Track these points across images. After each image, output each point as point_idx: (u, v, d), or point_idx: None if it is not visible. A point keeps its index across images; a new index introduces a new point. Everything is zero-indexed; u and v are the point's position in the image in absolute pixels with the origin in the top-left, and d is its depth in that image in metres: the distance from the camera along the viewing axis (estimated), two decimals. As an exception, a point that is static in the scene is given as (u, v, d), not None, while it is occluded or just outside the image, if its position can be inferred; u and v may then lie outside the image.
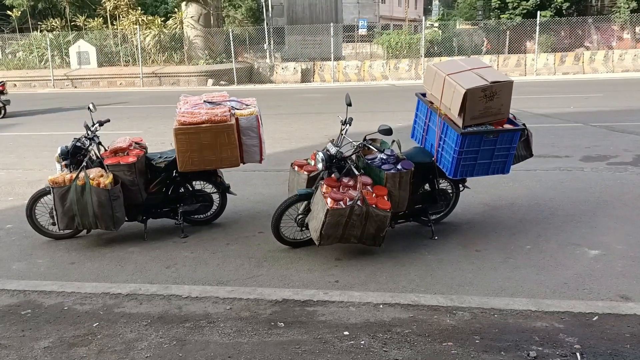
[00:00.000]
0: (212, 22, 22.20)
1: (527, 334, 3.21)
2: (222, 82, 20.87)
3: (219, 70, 21.24)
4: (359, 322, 3.40)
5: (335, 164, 4.45)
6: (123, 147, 5.00)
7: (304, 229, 4.66)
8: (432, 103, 4.84)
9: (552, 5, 23.95)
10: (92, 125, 5.05)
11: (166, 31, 22.21)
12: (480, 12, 28.10)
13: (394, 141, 4.74)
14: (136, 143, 5.21)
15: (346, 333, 3.27)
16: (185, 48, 21.89)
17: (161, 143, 8.55)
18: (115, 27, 22.90)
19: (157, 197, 5.14)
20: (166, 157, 5.14)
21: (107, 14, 23.29)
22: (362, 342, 3.17)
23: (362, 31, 27.05)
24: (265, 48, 23.22)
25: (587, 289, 3.87)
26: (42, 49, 22.55)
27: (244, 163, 5.21)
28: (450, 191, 5.10)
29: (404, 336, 3.21)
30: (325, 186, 4.30)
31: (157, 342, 3.21)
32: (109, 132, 6.20)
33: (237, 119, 5.00)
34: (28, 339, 3.29)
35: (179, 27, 22.21)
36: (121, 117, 11.81)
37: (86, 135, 4.94)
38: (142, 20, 22.18)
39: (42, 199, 4.92)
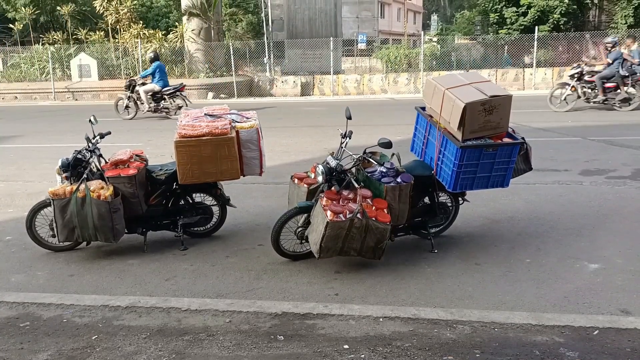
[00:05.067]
0: (212, 36, 22.36)
1: (528, 348, 3.20)
2: (222, 95, 20.95)
3: (220, 83, 21.34)
4: (359, 335, 3.39)
5: (335, 176, 4.46)
6: (124, 160, 5.02)
7: (303, 241, 4.66)
8: (431, 117, 4.87)
9: (550, 21, 24.17)
10: (93, 138, 5.07)
11: (167, 45, 22.35)
12: (478, 27, 28.38)
13: (393, 154, 4.76)
14: (137, 155, 5.23)
15: (346, 347, 3.25)
16: (186, 61, 22.01)
17: (161, 155, 8.57)
18: (116, 40, 23.03)
19: (157, 210, 5.15)
20: (166, 170, 5.16)
21: (109, 28, 23.46)
22: (362, 355, 3.15)
23: (362, 45, 27.23)
24: (265, 62, 23.35)
25: (588, 302, 3.86)
26: (43, 62, 22.65)
27: (244, 175, 5.22)
28: (449, 204, 5.11)
29: (404, 350, 3.20)
30: (325, 199, 4.31)
31: (156, 355, 3.20)
32: (110, 145, 6.21)
33: (237, 132, 5.03)
34: (27, 352, 3.28)
35: (179, 40, 22.36)
36: (122, 130, 11.85)
37: (87, 147, 4.95)
38: (144, 33, 22.30)
39: (42, 211, 4.92)
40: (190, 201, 5.28)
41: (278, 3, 26.47)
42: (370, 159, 4.57)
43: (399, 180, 4.51)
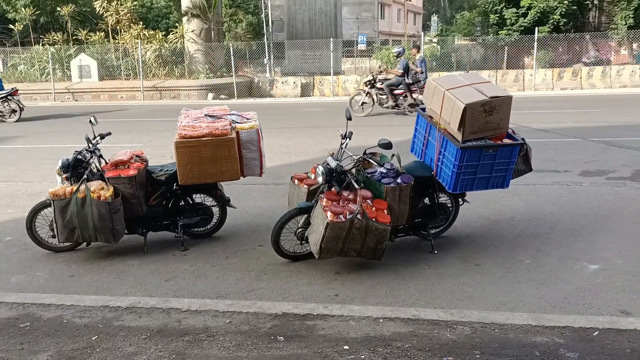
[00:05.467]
0: (212, 36, 22.37)
1: (528, 349, 3.20)
2: (222, 96, 20.96)
3: (220, 84, 21.35)
4: (359, 336, 3.39)
5: (335, 177, 4.47)
6: (124, 160, 5.02)
7: (303, 242, 4.66)
8: (431, 117, 4.87)
9: (550, 22, 24.19)
10: (94, 138, 5.07)
11: (167, 45, 22.36)
12: (478, 28, 28.39)
13: (393, 155, 4.76)
14: (137, 156, 5.23)
15: (346, 347, 3.26)
16: (186, 62, 22.02)
17: (161, 156, 8.58)
18: (116, 41, 23.05)
19: (157, 210, 5.15)
20: (167, 170, 5.16)
21: (109, 28, 23.48)
22: (362, 356, 3.15)
23: (362, 46, 27.24)
24: (265, 62, 23.37)
25: (587, 303, 3.86)
26: (43, 63, 22.67)
27: (244, 176, 5.23)
28: (449, 205, 5.12)
29: (404, 351, 3.20)
30: (325, 200, 4.32)
31: (157, 356, 3.20)
32: (110, 145, 6.22)
33: (237, 133, 5.03)
34: (27, 352, 3.28)
35: (179, 41, 22.37)
36: (122, 130, 11.85)
37: (87, 148, 4.95)
38: (144, 34, 22.32)
39: (42, 212, 4.92)
40: (191, 202, 5.28)
41: (278, 4, 26.51)
42: (370, 160, 4.57)
43: (399, 181, 4.52)
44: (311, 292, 4.14)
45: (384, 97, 13.81)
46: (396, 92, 13.64)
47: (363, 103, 13.94)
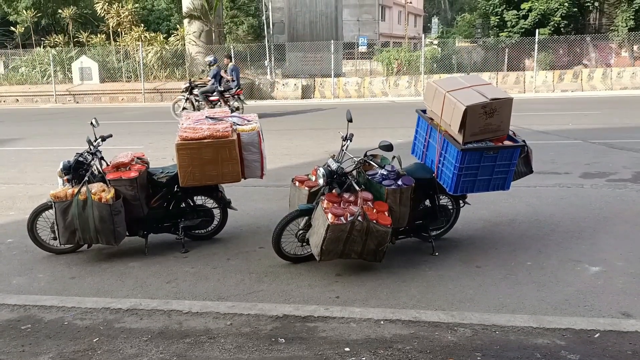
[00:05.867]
0: (213, 38, 22.41)
1: (529, 351, 3.20)
2: (223, 98, 20.99)
3: (220, 86, 21.37)
4: (359, 338, 3.39)
5: (336, 179, 4.47)
6: (125, 162, 5.03)
7: (304, 244, 4.66)
8: (432, 119, 4.88)
9: (551, 24, 24.21)
10: (95, 140, 5.08)
11: (168, 47, 22.41)
12: (479, 30, 28.42)
13: (394, 157, 4.76)
14: (138, 158, 5.24)
15: (347, 349, 3.26)
16: (187, 64, 22.06)
17: (162, 158, 8.58)
18: (117, 43, 23.11)
19: (158, 212, 5.16)
20: (168, 172, 5.17)
21: (110, 31, 23.54)
22: (363, 358, 3.15)
23: (362, 48, 27.29)
24: (266, 64, 23.41)
25: (589, 305, 3.86)
26: (44, 65, 22.73)
27: (245, 178, 5.23)
28: (450, 207, 5.12)
29: (405, 353, 3.20)
30: (326, 202, 4.32)
31: (158, 358, 3.20)
32: (111, 147, 6.22)
33: (238, 135, 5.04)
34: (28, 354, 3.28)
35: (180, 43, 22.42)
36: (123, 133, 11.87)
37: (88, 150, 4.96)
38: (145, 36, 22.38)
39: (43, 214, 4.92)
40: (192, 204, 5.28)
41: (279, 6, 26.57)
42: (371, 162, 4.57)
43: (400, 183, 4.52)
44: (312, 294, 4.14)
45: (202, 103, 14.55)
46: (211, 98, 14.38)
47: (184, 108, 14.60)
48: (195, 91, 14.49)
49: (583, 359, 3.10)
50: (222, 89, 14.29)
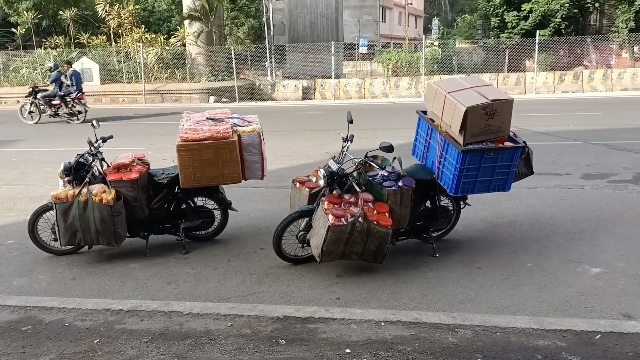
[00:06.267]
0: (214, 40, 22.43)
1: (530, 353, 3.20)
2: (223, 100, 21.00)
3: (221, 87, 21.38)
4: (360, 339, 3.39)
5: (337, 180, 4.47)
6: (126, 163, 5.03)
7: (305, 245, 4.66)
8: (432, 120, 4.88)
9: (551, 25, 24.20)
10: (96, 142, 5.09)
11: (169, 49, 22.42)
12: (479, 31, 28.41)
13: (395, 158, 4.76)
14: (139, 159, 5.24)
15: (348, 351, 3.25)
16: (188, 65, 22.07)
17: (163, 159, 8.59)
18: (118, 44, 23.12)
19: (159, 213, 5.16)
20: (168, 174, 5.17)
21: (111, 32, 23.56)
22: (364, 359, 3.15)
23: (363, 49, 27.29)
24: (266, 66, 23.43)
25: (589, 307, 3.86)
26: (45, 66, 22.74)
27: (245, 179, 5.23)
28: (451, 208, 5.11)
29: (406, 354, 3.20)
30: (326, 203, 4.32)
31: (158, 359, 3.20)
32: (112, 148, 6.23)
33: (239, 136, 5.04)
34: (28, 355, 3.28)
35: (181, 44, 22.44)
36: (124, 134, 11.88)
37: (89, 151, 4.97)
38: (145, 38, 22.38)
39: (44, 215, 4.93)
40: (192, 205, 5.28)
41: (279, 7, 26.60)
42: (371, 163, 4.57)
43: (400, 184, 4.52)
44: (313, 296, 4.14)
45: (44, 107, 15.06)
46: (54, 102, 14.95)
47: (30, 112, 15.17)
48: (39, 95, 15.00)
49: (584, 361, 3.10)
50: (62, 94, 14.86)
